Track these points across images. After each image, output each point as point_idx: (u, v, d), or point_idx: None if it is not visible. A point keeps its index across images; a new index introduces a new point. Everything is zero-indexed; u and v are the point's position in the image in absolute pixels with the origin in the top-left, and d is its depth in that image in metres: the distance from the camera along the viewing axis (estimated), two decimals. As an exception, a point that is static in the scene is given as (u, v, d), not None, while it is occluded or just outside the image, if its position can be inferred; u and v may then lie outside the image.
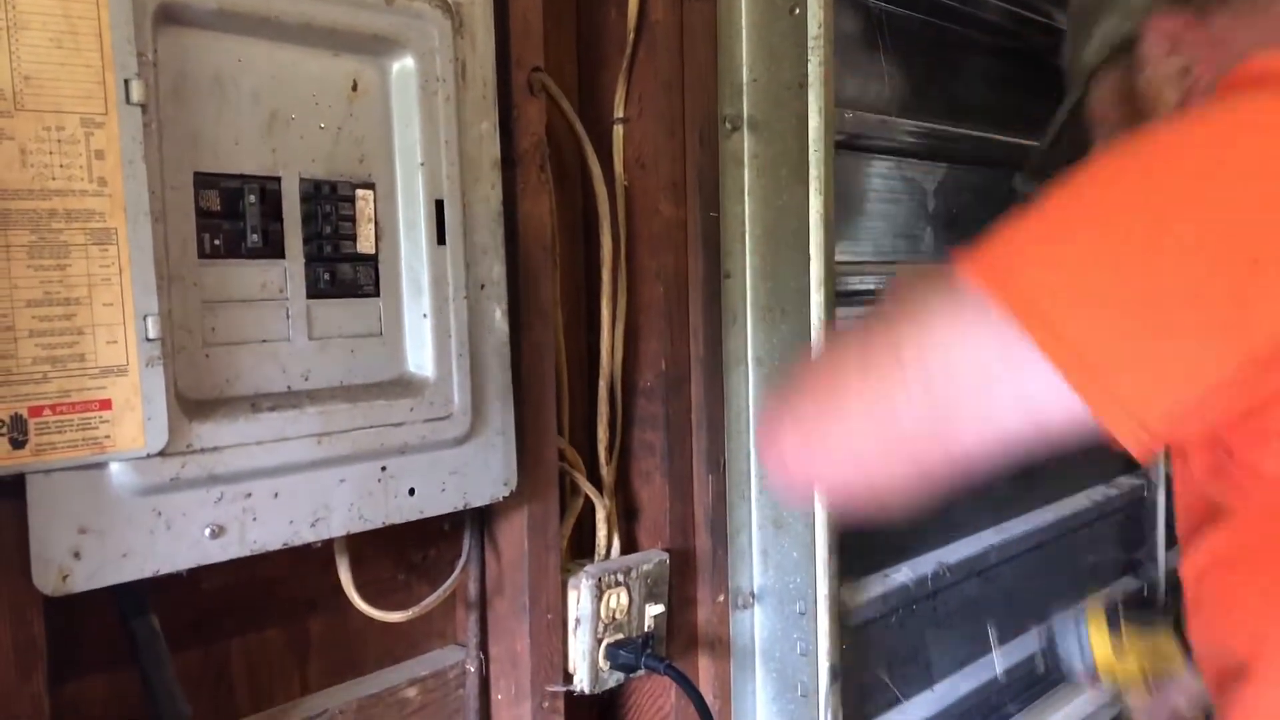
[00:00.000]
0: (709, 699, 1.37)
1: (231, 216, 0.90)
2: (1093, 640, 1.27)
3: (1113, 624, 1.27)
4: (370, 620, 1.06)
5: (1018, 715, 1.88)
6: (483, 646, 1.19)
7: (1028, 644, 1.84)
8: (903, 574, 1.63)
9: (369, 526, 0.97)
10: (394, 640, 1.16)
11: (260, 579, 1.03)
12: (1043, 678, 1.94)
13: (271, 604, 1.05)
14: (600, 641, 1.20)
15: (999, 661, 1.83)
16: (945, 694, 1.72)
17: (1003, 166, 1.75)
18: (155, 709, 0.89)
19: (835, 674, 1.36)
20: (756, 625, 1.40)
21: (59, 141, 0.79)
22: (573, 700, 1.22)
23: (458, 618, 1.21)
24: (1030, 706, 1.91)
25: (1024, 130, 1.71)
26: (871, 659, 1.59)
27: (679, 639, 1.35)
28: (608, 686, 1.22)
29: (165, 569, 0.85)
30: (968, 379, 0.75)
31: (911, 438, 0.79)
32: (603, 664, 1.21)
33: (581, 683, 1.20)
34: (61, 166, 0.79)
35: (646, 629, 1.24)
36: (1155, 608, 1.34)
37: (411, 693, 1.13)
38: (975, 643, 1.81)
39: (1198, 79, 0.98)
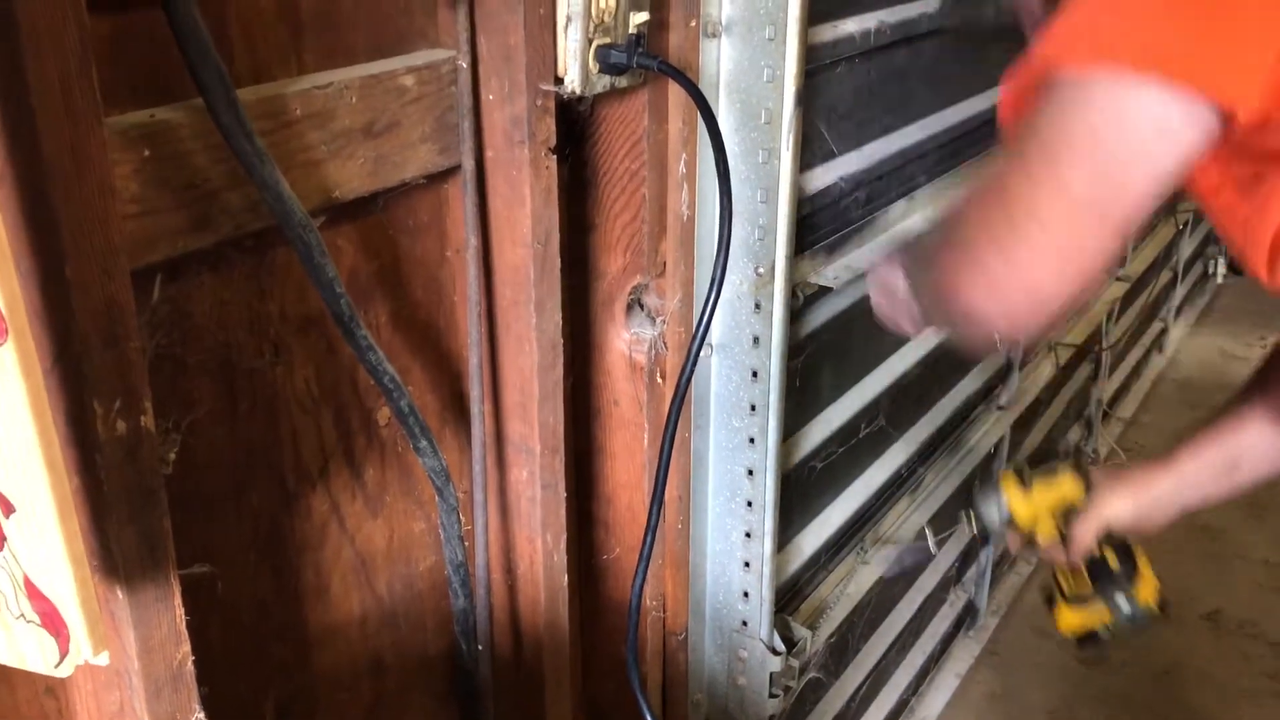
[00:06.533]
0: (676, 126, 1.40)
1: None
2: (1009, 499, 1.43)
3: (1023, 482, 1.44)
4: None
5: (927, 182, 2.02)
6: (472, 45, 1.16)
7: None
8: (849, 25, 1.65)
9: None
10: (381, 28, 1.11)
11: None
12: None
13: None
14: (590, 42, 1.19)
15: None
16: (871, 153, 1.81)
17: None
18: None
19: (799, 99, 1.40)
20: (723, 56, 1.41)
21: None
22: (561, 106, 1.22)
23: (441, 19, 1.16)
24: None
25: None
26: (814, 109, 1.64)
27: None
28: (596, 91, 1.22)
29: None
30: (1126, 150, 0.81)
31: (1094, 237, 0.84)
32: (592, 65, 1.20)
33: (573, 83, 1.19)
34: None
35: (632, 32, 1.23)
36: (1056, 456, 1.55)
37: (408, 81, 1.10)
38: (899, 111, 1.89)
39: None
